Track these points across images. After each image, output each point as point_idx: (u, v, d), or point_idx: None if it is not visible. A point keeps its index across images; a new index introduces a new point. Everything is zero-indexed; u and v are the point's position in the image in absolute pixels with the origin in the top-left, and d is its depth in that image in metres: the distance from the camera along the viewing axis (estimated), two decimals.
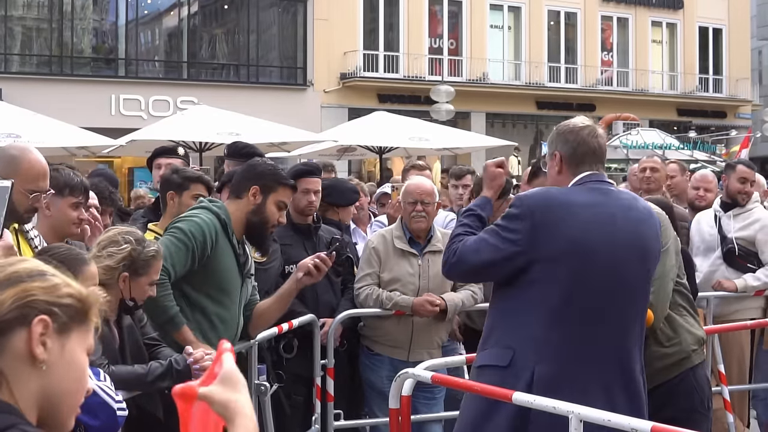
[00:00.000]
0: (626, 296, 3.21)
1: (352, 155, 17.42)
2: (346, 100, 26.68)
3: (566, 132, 3.30)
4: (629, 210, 3.23)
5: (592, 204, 3.16)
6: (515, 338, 3.12)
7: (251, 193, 4.01)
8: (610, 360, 3.15)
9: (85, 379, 1.62)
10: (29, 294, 1.55)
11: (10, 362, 1.53)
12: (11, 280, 1.56)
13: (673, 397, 3.66)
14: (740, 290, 5.86)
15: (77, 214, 3.84)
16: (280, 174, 4.12)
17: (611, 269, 3.14)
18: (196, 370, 3.47)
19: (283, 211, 4.09)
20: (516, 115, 29.10)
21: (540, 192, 3.23)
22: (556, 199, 3.15)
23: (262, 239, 4.08)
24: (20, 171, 3.42)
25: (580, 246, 3.08)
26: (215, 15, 27.26)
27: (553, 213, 3.10)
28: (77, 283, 1.62)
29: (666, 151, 23.28)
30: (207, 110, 14.73)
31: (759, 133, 27.79)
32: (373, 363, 5.21)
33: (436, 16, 28.68)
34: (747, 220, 5.95)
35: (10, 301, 1.54)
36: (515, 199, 3.26)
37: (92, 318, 1.62)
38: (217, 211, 4.00)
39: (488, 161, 3.66)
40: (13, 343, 1.53)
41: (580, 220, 3.11)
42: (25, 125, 11.95)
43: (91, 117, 20.28)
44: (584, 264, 3.09)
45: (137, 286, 3.48)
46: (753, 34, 36.25)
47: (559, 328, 3.09)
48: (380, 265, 5.17)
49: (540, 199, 3.16)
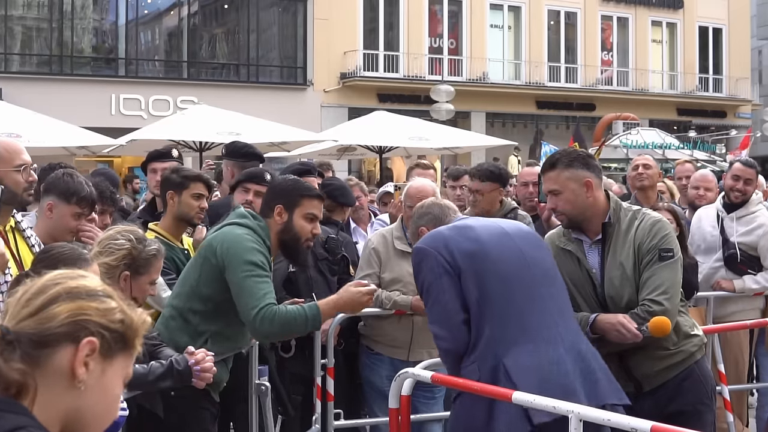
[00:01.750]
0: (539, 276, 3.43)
1: (352, 155, 17.42)
2: (346, 100, 26.69)
3: (422, 214, 3.83)
4: (502, 221, 3.65)
5: (469, 221, 3.56)
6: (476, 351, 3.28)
7: (276, 212, 3.94)
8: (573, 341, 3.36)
9: (116, 407, 1.59)
10: (84, 312, 1.53)
11: (47, 375, 1.51)
12: (71, 295, 1.54)
13: (681, 391, 3.68)
14: (738, 291, 5.85)
15: (76, 224, 3.85)
16: (301, 187, 4.05)
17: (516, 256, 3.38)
18: (197, 371, 3.47)
19: (315, 222, 4.00)
20: (516, 114, 29.10)
21: (428, 236, 3.50)
22: (441, 230, 3.48)
23: (297, 255, 4.03)
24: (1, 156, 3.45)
25: (478, 247, 3.34)
26: (215, 15, 27.27)
27: (441, 235, 3.42)
28: (130, 309, 1.60)
29: (666, 151, 23.30)
30: (207, 110, 14.74)
31: (759, 132, 27.79)
32: (373, 363, 5.21)
33: (436, 15, 28.69)
34: (750, 225, 5.88)
35: (65, 314, 1.52)
36: (413, 256, 3.48)
37: (136, 346, 1.60)
38: (262, 234, 3.90)
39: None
40: (57, 358, 1.51)
41: (469, 230, 3.42)
42: (25, 125, 11.95)
43: (91, 116, 20.29)
44: (488, 261, 3.32)
45: (138, 285, 3.49)
46: (753, 34, 36.27)
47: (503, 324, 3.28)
48: (380, 266, 5.17)
49: (430, 237, 3.46)
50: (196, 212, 4.60)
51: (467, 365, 3.27)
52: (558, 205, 3.70)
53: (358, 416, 5.48)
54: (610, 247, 3.69)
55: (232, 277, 3.75)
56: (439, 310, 3.33)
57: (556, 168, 3.70)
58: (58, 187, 3.83)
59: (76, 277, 1.59)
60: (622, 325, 3.55)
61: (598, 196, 3.69)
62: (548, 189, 3.74)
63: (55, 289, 1.55)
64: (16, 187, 3.43)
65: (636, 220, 3.71)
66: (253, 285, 3.72)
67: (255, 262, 3.76)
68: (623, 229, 3.69)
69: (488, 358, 3.20)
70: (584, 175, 3.67)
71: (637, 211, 3.78)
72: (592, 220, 3.70)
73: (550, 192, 3.73)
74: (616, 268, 3.66)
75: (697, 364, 3.74)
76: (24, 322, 1.51)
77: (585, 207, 3.66)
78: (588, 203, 3.67)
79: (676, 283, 3.66)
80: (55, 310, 1.52)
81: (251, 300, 3.70)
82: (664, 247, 3.63)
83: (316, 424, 4.97)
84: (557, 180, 3.69)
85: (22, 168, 3.47)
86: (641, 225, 3.68)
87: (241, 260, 3.75)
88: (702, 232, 6.01)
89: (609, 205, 3.72)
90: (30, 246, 3.68)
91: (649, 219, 3.71)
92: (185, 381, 3.47)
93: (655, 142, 24.55)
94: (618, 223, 3.70)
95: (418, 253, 3.44)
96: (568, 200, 3.66)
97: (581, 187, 3.66)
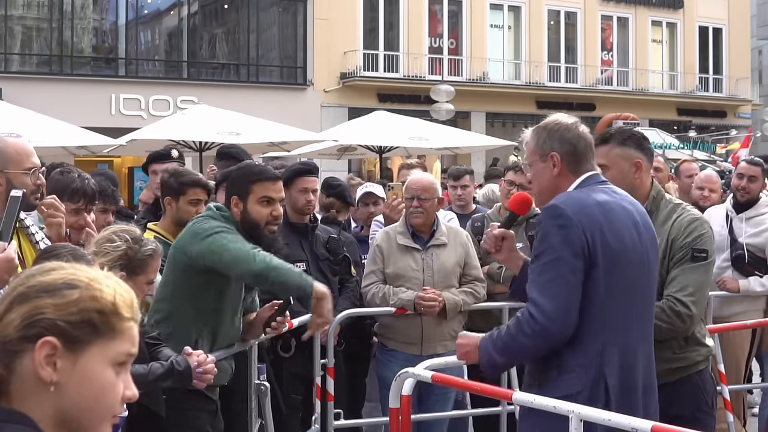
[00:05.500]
0: (651, 293, 3.20)
1: (352, 155, 17.42)
2: (346, 100, 26.69)
3: (561, 130, 3.15)
4: (636, 206, 3.20)
5: (614, 204, 3.08)
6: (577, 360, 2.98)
7: (233, 204, 3.96)
8: (648, 357, 3.16)
9: (107, 393, 1.53)
10: (39, 312, 1.48)
11: (21, 384, 1.48)
12: (25, 296, 1.50)
13: (678, 397, 3.65)
14: (742, 292, 5.85)
15: (75, 220, 3.83)
16: (249, 173, 4.03)
17: (642, 268, 3.10)
18: (199, 373, 3.47)
19: (273, 205, 3.97)
20: (516, 114, 29.09)
21: (571, 198, 3.06)
22: (591, 203, 3.02)
23: (262, 241, 4.03)
24: (12, 158, 3.44)
25: (622, 249, 3.00)
26: (215, 15, 27.26)
27: (595, 217, 2.99)
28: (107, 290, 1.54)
29: (666, 151, 23.29)
30: (207, 110, 14.72)
31: (759, 132, 27.81)
32: (387, 359, 5.23)
33: (436, 15, 28.69)
34: (759, 226, 5.88)
35: (18, 320, 1.48)
36: (551, 211, 3.01)
37: (117, 327, 1.54)
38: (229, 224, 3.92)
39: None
40: (25, 363, 1.48)
41: (617, 222, 3.02)
42: (25, 125, 11.92)
43: (91, 116, 20.28)
44: (625, 266, 3.01)
45: (135, 285, 3.46)
46: (753, 34, 36.28)
47: (614, 339, 3.00)
48: (384, 262, 5.20)
49: (578, 206, 2.99)
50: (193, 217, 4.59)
51: (565, 374, 2.98)
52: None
53: (358, 416, 5.48)
54: None
55: (205, 249, 3.75)
56: (560, 283, 2.92)
57: (609, 143, 3.61)
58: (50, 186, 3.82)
59: (39, 273, 1.54)
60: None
61: (644, 180, 3.62)
62: (597, 163, 3.46)
63: (13, 294, 1.51)
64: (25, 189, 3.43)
65: (674, 213, 3.63)
66: (231, 240, 3.75)
67: (220, 230, 3.79)
68: (660, 219, 3.60)
69: (591, 370, 2.98)
70: (636, 155, 3.60)
71: (678, 205, 3.70)
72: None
73: (599, 166, 3.47)
74: None
75: (698, 374, 3.69)
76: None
77: (632, 187, 3.51)
78: (635, 184, 3.57)
79: (704, 287, 3.59)
80: (11, 316, 1.48)
81: (239, 250, 3.73)
82: (698, 247, 3.55)
83: (316, 424, 4.97)
84: (608, 155, 3.58)
85: (31, 171, 3.46)
86: (678, 219, 3.60)
87: (206, 233, 3.79)
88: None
89: (650, 193, 3.64)
90: (34, 244, 3.67)
91: (688, 215, 3.63)
92: (186, 381, 3.46)
93: (655, 142, 24.50)
94: (656, 211, 3.61)
95: (557, 213, 2.97)
96: (614, 177, 3.47)
97: (631, 166, 3.58)
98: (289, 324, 4.60)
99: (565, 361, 2.98)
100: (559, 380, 2.99)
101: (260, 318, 4.17)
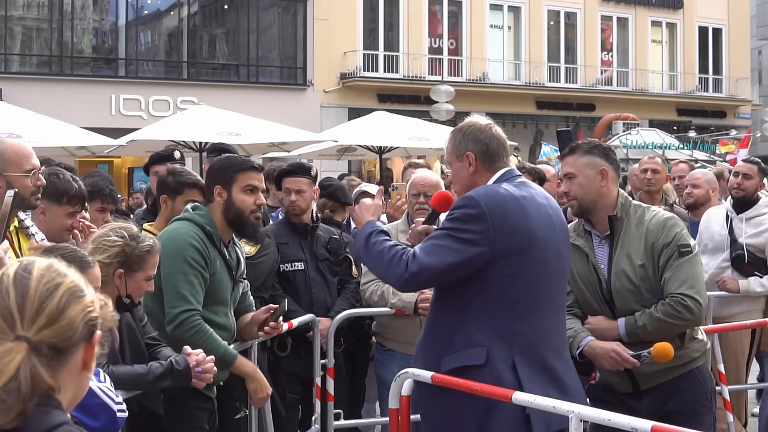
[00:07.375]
0: (564, 282, 3.37)
1: (352, 155, 17.42)
2: (346, 100, 26.69)
3: (475, 131, 3.30)
4: (550, 201, 3.33)
5: (528, 196, 3.21)
6: (486, 336, 3.11)
7: (216, 194, 3.99)
8: (561, 344, 3.31)
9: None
10: (89, 308, 1.59)
11: (68, 373, 1.58)
12: (74, 294, 1.58)
13: (678, 391, 3.70)
14: (742, 292, 5.85)
15: (71, 222, 3.84)
16: (233, 163, 4.08)
17: (556, 258, 3.25)
18: (198, 372, 3.47)
19: (256, 194, 4.02)
20: (516, 115, 29.07)
21: (488, 191, 3.19)
22: (505, 195, 3.15)
23: (246, 229, 4.05)
24: (11, 160, 3.45)
25: (534, 238, 3.14)
26: (215, 15, 27.26)
27: (507, 209, 3.12)
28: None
29: (666, 151, 23.28)
30: (207, 110, 14.73)
31: (759, 132, 27.80)
32: (385, 359, 5.21)
33: (436, 15, 28.69)
34: (759, 227, 5.87)
35: (80, 318, 1.57)
36: (465, 200, 3.15)
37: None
38: (201, 221, 3.95)
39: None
40: (76, 357, 1.58)
41: (529, 214, 3.15)
42: (25, 125, 11.94)
43: (91, 117, 20.29)
44: (538, 256, 3.15)
45: (133, 282, 3.47)
46: (753, 34, 36.28)
47: (528, 319, 3.15)
48: None
49: (492, 198, 3.13)
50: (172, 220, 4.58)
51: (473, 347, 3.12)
52: (571, 189, 3.74)
53: (358, 416, 5.48)
54: (618, 241, 3.71)
55: (163, 269, 3.78)
56: (443, 250, 3.08)
57: (575, 153, 3.76)
58: (47, 189, 3.82)
59: (63, 273, 1.61)
60: (617, 354, 3.61)
61: (611, 188, 3.73)
62: (564, 173, 3.77)
63: (60, 291, 1.56)
64: (24, 191, 3.43)
65: (645, 216, 3.74)
66: (183, 284, 3.81)
67: (188, 260, 3.84)
68: (633, 224, 3.72)
69: (501, 352, 3.11)
70: (601, 163, 3.72)
71: (647, 208, 3.82)
72: (602, 211, 3.72)
73: (566, 176, 3.76)
74: (624, 260, 3.68)
75: (697, 369, 3.76)
76: (44, 331, 1.53)
77: (598, 195, 3.70)
78: (602, 192, 3.71)
79: (700, 277, 3.71)
80: (71, 315, 1.55)
81: (176, 299, 3.80)
82: (681, 243, 3.66)
83: (316, 424, 4.97)
84: (574, 164, 3.74)
85: (31, 173, 3.46)
86: (653, 221, 3.71)
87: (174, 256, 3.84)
88: (710, 231, 6.03)
89: (618, 200, 3.74)
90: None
91: (661, 215, 3.75)
92: (185, 381, 3.46)
93: (655, 142, 24.53)
94: (627, 218, 3.73)
95: (470, 203, 3.11)
96: (581, 185, 3.70)
97: (597, 174, 3.70)
98: (289, 324, 4.61)
99: (473, 336, 3.13)
100: (466, 352, 3.14)
101: (255, 320, 4.19)
